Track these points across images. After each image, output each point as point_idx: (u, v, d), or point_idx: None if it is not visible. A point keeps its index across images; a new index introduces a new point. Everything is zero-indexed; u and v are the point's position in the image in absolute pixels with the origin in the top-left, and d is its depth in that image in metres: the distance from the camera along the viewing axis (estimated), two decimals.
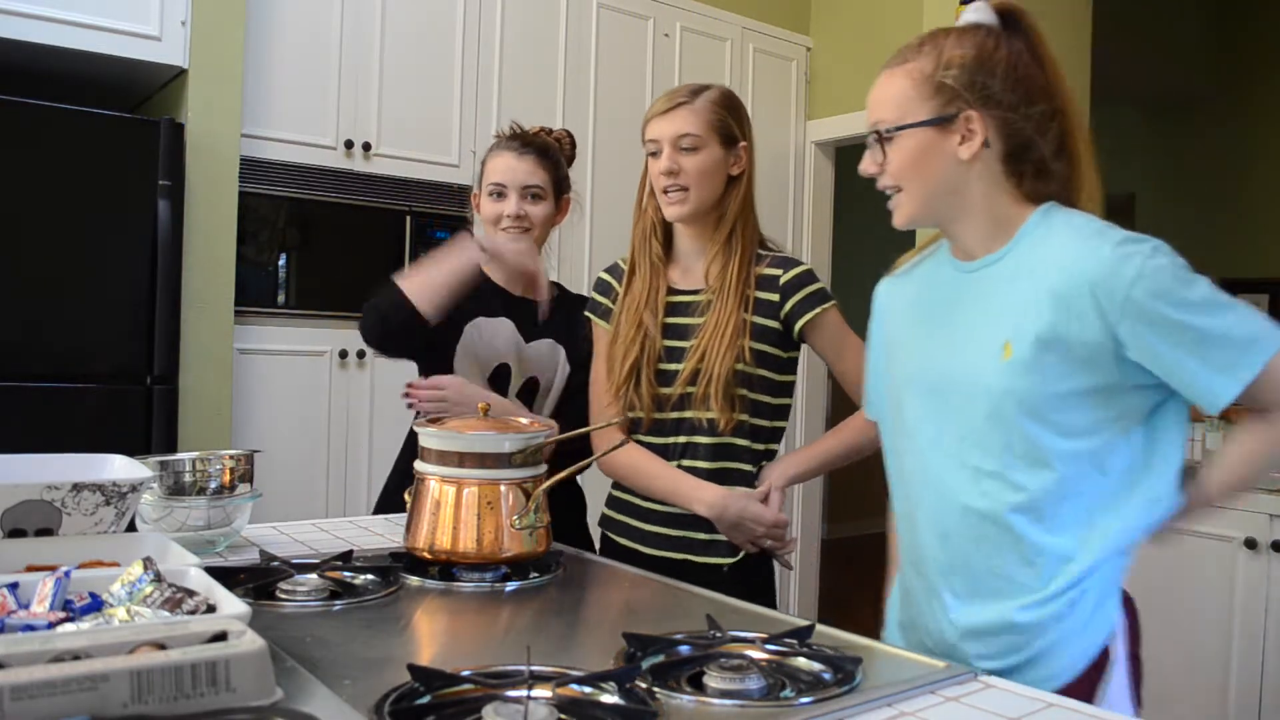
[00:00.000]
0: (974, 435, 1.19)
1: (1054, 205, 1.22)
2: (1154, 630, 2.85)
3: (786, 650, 1.00)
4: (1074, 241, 1.16)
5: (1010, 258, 1.21)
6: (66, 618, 0.87)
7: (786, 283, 1.65)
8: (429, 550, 1.29)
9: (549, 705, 0.81)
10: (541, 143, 1.93)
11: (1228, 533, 2.69)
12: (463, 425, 1.33)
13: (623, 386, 1.66)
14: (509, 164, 1.88)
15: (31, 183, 2.36)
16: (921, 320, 1.31)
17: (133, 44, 2.54)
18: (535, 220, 1.88)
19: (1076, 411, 1.14)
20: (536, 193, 1.88)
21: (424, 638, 1.13)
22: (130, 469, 1.23)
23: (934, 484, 1.24)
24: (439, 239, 3.06)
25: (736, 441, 1.63)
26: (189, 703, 0.73)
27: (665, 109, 1.65)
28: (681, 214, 1.65)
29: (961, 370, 1.21)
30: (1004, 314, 1.19)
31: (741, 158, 1.68)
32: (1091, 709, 0.90)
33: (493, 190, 1.89)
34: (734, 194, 1.67)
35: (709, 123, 1.64)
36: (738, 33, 3.94)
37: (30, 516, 1.10)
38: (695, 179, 1.63)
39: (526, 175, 1.87)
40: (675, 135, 1.63)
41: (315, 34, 2.88)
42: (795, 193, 4.14)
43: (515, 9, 3.28)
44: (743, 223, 1.67)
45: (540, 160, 1.89)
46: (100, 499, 1.13)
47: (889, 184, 1.25)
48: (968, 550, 1.20)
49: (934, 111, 1.19)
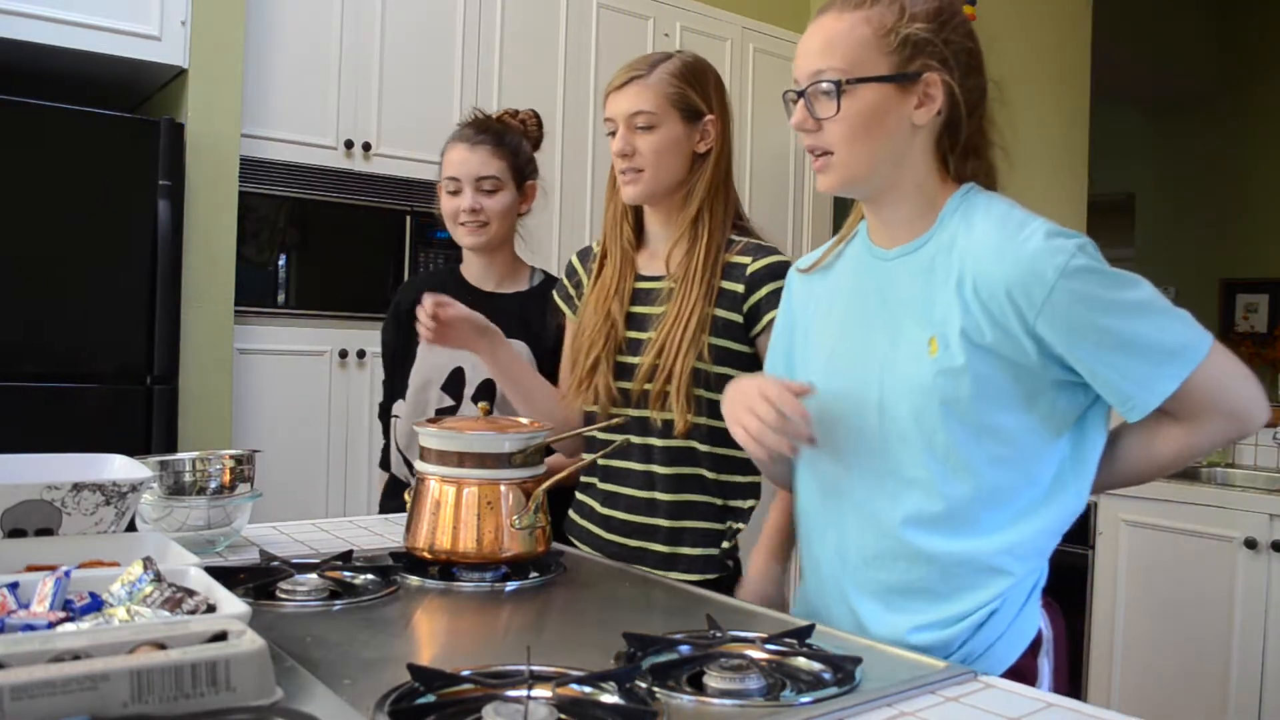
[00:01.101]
0: (895, 436, 1.12)
1: (974, 187, 1.15)
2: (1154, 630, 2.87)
3: (786, 650, 1.00)
4: (994, 235, 1.08)
5: (930, 246, 1.13)
6: (66, 618, 0.87)
7: (754, 273, 1.49)
8: (429, 550, 1.29)
9: (549, 705, 0.81)
10: (497, 130, 1.85)
11: (1228, 533, 2.70)
12: (463, 425, 1.33)
13: (585, 380, 1.55)
14: (461, 156, 1.82)
15: (32, 183, 2.36)
16: (837, 312, 1.22)
17: (133, 44, 2.54)
18: (493, 213, 1.82)
19: (1003, 414, 1.08)
20: (492, 185, 1.81)
21: (424, 638, 1.13)
22: (130, 469, 1.23)
23: (849, 490, 1.17)
24: (439, 239, 3.06)
25: (696, 446, 1.50)
26: (189, 702, 0.73)
27: (619, 83, 1.52)
28: (636, 195, 1.52)
29: (882, 369, 1.14)
30: (927, 308, 1.11)
31: (710, 132, 1.52)
32: (1091, 709, 0.90)
33: (448, 185, 1.84)
34: (701, 172, 1.52)
35: (665, 97, 1.49)
36: (738, 33, 3.94)
37: (30, 516, 1.10)
38: (651, 159, 1.49)
39: (479, 166, 1.80)
40: (629, 113, 1.49)
41: (315, 34, 2.88)
42: (795, 193, 4.13)
43: (515, 9, 3.28)
44: (711, 204, 1.52)
45: (495, 149, 1.82)
46: (100, 499, 1.13)
47: (823, 145, 1.12)
48: (883, 558, 1.14)
49: (895, 67, 1.08)
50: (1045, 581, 1.17)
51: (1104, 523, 2.97)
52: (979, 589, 1.11)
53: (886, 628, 1.13)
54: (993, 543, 1.10)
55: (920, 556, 1.12)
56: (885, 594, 1.15)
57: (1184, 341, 1.06)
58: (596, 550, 1.57)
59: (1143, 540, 2.88)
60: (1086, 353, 1.05)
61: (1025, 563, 1.12)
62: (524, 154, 1.87)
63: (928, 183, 1.15)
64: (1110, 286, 1.04)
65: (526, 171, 1.87)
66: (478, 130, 1.85)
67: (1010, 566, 1.11)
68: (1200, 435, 1.09)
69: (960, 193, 1.15)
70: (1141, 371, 1.05)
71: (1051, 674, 1.17)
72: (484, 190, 1.81)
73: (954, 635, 1.10)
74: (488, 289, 1.88)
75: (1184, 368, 1.05)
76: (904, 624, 1.12)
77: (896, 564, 1.13)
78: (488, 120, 1.89)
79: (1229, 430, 1.09)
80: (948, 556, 1.11)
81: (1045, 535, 1.12)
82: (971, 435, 1.08)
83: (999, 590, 1.11)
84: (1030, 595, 1.15)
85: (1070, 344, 1.05)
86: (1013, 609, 1.12)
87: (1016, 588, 1.12)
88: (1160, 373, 1.05)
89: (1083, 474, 1.12)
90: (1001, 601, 1.11)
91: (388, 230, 3.00)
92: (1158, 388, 1.05)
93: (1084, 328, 1.04)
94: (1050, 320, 1.04)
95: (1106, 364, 1.05)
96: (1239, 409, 1.09)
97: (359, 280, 2.97)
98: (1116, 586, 2.93)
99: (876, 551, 1.14)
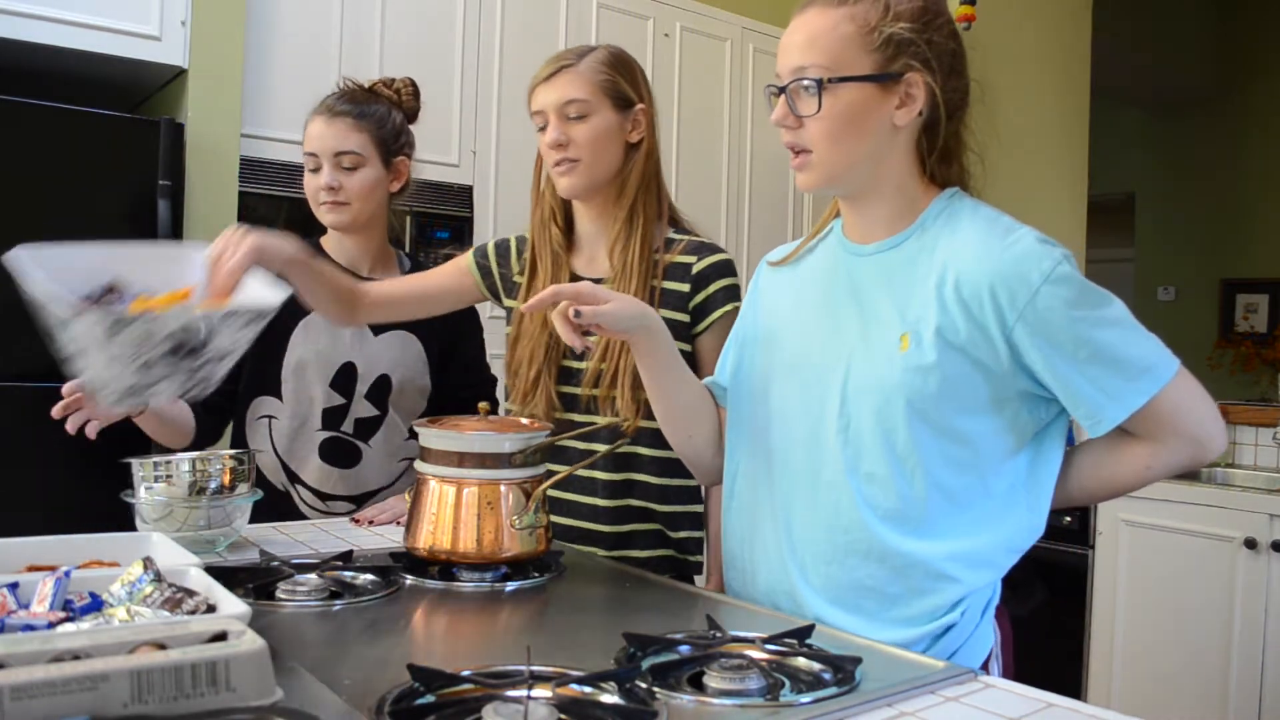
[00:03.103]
0: (855, 430, 1.11)
1: (958, 193, 1.15)
2: (1154, 630, 2.87)
3: (786, 650, 1.00)
4: (981, 236, 1.08)
5: (911, 243, 1.13)
6: (66, 618, 0.87)
7: (700, 272, 1.49)
8: (429, 550, 1.29)
9: (549, 705, 0.81)
10: (360, 100, 1.68)
11: (1228, 533, 2.70)
12: (463, 425, 1.33)
13: (529, 392, 1.52)
14: (319, 130, 1.66)
15: (32, 183, 2.36)
16: (806, 306, 1.21)
17: (133, 44, 2.54)
18: (354, 193, 1.66)
19: (965, 417, 1.08)
20: (352, 161, 1.65)
21: (424, 638, 1.13)
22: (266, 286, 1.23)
23: (804, 482, 1.16)
24: (440, 239, 3.06)
25: (640, 451, 1.50)
26: (189, 703, 0.73)
27: (548, 75, 1.48)
28: (575, 185, 1.48)
29: (848, 362, 1.13)
30: (901, 305, 1.10)
31: (640, 122, 1.51)
32: (1091, 709, 0.90)
33: (307, 161, 1.68)
34: (633, 163, 1.51)
35: (597, 85, 1.47)
36: (738, 33, 3.94)
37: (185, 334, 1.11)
38: (587, 148, 1.46)
39: (337, 140, 1.64)
40: (560, 103, 1.46)
41: (315, 34, 2.88)
42: (795, 192, 4.13)
43: (515, 9, 3.28)
44: (644, 196, 1.51)
45: (356, 122, 1.65)
46: (242, 321, 1.14)
47: (803, 143, 1.11)
48: (836, 557, 1.13)
49: (877, 66, 1.07)
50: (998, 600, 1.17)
51: (1104, 523, 2.97)
52: (929, 594, 1.10)
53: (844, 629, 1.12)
54: (944, 547, 1.10)
55: (873, 552, 1.11)
56: (835, 590, 1.13)
57: (1154, 360, 1.07)
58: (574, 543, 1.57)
59: (1143, 540, 2.88)
60: (1061, 360, 1.05)
61: (976, 573, 1.11)
62: (391, 127, 1.70)
63: (907, 184, 1.15)
64: (1089, 298, 1.06)
65: (394, 146, 1.70)
66: (339, 100, 1.68)
67: (960, 574, 1.10)
68: (1160, 458, 1.11)
69: (945, 196, 1.15)
70: (1113, 384, 1.06)
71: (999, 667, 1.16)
72: (343, 167, 1.65)
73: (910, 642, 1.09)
74: (362, 275, 1.72)
75: (1153, 384, 1.06)
76: (857, 626, 1.11)
77: (848, 559, 1.12)
78: (354, 90, 1.72)
79: (1189, 454, 1.11)
80: (899, 556, 1.10)
81: (999, 550, 1.12)
82: (932, 435, 1.08)
83: (949, 598, 1.10)
84: (985, 612, 1.14)
85: (1045, 350, 1.05)
86: (969, 625, 1.12)
87: (971, 603, 1.11)
88: (1131, 387, 1.06)
89: (1037, 494, 1.12)
90: (961, 615, 1.10)
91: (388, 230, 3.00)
92: (1127, 401, 1.06)
93: (1060, 335, 1.04)
94: (1029, 324, 1.05)
95: (1079, 373, 1.06)
96: (1201, 434, 1.10)
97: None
98: (1116, 586, 2.94)
99: (830, 546, 1.13)
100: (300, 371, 1.69)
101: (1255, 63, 5.71)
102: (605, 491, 1.52)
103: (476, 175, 3.17)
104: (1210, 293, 5.97)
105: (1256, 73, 5.72)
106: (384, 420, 1.73)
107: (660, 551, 1.56)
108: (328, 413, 1.71)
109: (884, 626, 1.11)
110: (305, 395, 1.70)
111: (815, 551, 1.15)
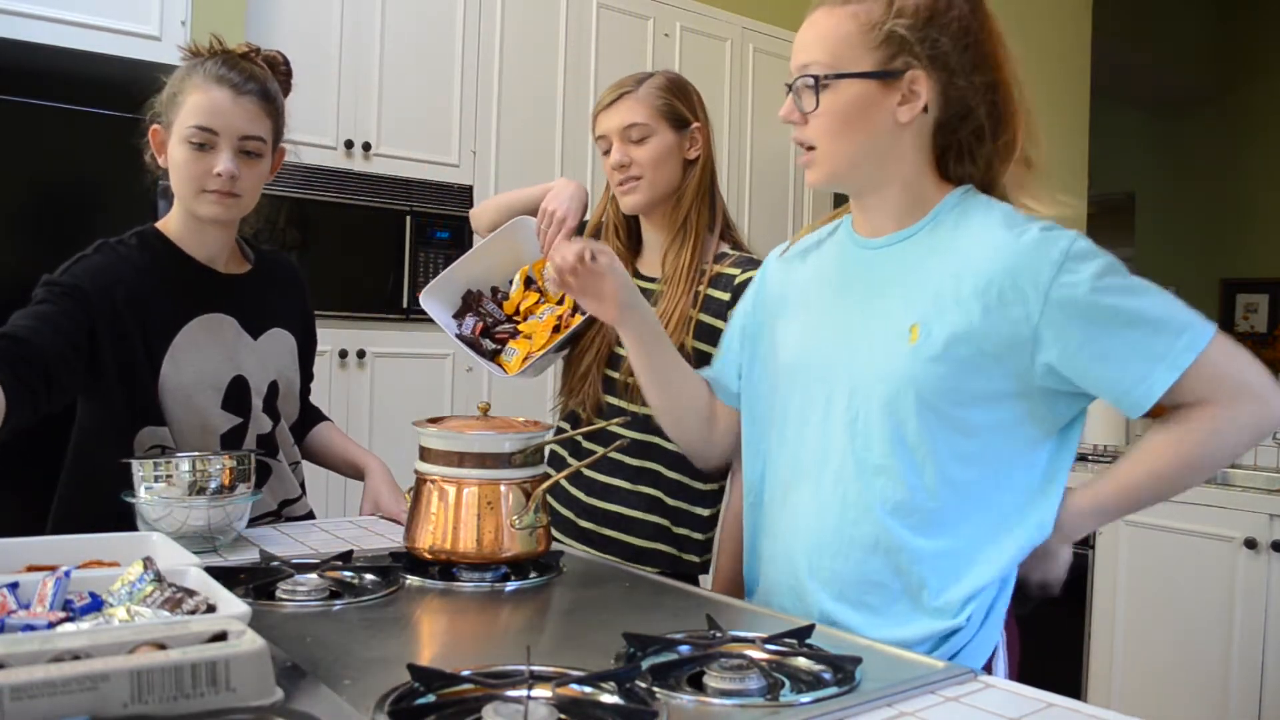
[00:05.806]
0: (864, 421, 1.10)
1: (972, 189, 1.14)
2: (1154, 630, 2.86)
3: (786, 650, 1.00)
4: (995, 227, 1.08)
5: (923, 235, 1.12)
6: (66, 618, 0.87)
7: (741, 283, 1.55)
8: (429, 550, 1.29)
9: (549, 705, 0.81)
10: (261, 77, 1.46)
11: (1228, 533, 2.70)
12: (463, 425, 1.33)
13: (576, 386, 1.63)
14: (223, 103, 1.41)
15: (32, 183, 2.36)
16: (815, 300, 1.21)
17: (133, 44, 2.54)
18: (248, 186, 1.45)
19: (978, 411, 1.06)
20: (256, 147, 1.44)
21: (424, 638, 1.13)
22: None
23: (813, 474, 1.15)
24: (440, 239, 3.06)
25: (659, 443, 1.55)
26: (189, 703, 0.73)
27: (610, 101, 1.61)
28: (638, 203, 1.60)
29: (857, 353, 1.12)
30: (912, 295, 1.10)
31: (697, 140, 1.62)
32: (1091, 709, 0.90)
33: (195, 136, 1.40)
34: (690, 178, 1.62)
35: (655, 109, 1.58)
36: (738, 33, 3.94)
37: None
38: (648, 167, 1.58)
39: (247, 123, 1.42)
40: (622, 126, 1.58)
41: (315, 34, 2.88)
42: (795, 193, 4.14)
43: (515, 9, 3.28)
44: (699, 207, 1.61)
45: (264, 104, 1.45)
46: None
47: (807, 139, 1.12)
48: (843, 550, 1.12)
49: (879, 63, 1.07)
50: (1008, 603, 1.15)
51: None
52: (934, 590, 1.09)
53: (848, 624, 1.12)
54: (951, 542, 1.09)
55: (879, 546, 1.10)
56: (840, 585, 1.13)
57: (1191, 318, 1.04)
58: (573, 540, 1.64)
59: (1143, 540, 2.88)
60: (1099, 332, 1.02)
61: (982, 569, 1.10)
62: (284, 113, 1.53)
63: (918, 181, 1.14)
64: (1113, 267, 1.04)
65: (283, 133, 1.54)
66: (244, 75, 1.44)
67: (966, 571, 1.09)
68: (1226, 417, 1.05)
69: (958, 192, 1.14)
70: (1158, 344, 1.02)
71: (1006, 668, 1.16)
72: (245, 153, 1.43)
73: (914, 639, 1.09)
74: (226, 270, 1.55)
75: (1199, 338, 1.02)
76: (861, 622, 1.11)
77: (854, 553, 1.12)
78: (246, 60, 1.47)
79: (1254, 412, 1.05)
80: (905, 550, 1.09)
81: (1006, 547, 1.10)
82: (942, 427, 1.07)
83: (954, 595, 1.09)
84: (991, 611, 1.12)
85: (1080, 327, 1.03)
86: (975, 623, 1.11)
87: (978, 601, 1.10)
88: (1177, 343, 1.02)
89: (1048, 493, 1.11)
90: (966, 613, 1.09)
91: (388, 230, 3.00)
92: (1176, 359, 1.01)
93: (1094, 308, 1.02)
94: (1059, 304, 1.03)
95: (1121, 340, 1.02)
96: (1260, 388, 1.05)
97: (359, 280, 2.97)
98: (1116, 586, 2.94)
99: (837, 539, 1.13)
100: (185, 399, 1.47)
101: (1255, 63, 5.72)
102: (625, 474, 1.61)
103: (476, 175, 3.17)
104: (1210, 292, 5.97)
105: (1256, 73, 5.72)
106: (277, 428, 1.61)
107: (658, 545, 1.60)
108: (227, 437, 1.53)
109: (888, 623, 1.10)
110: (197, 424, 1.49)
111: (822, 545, 1.15)
